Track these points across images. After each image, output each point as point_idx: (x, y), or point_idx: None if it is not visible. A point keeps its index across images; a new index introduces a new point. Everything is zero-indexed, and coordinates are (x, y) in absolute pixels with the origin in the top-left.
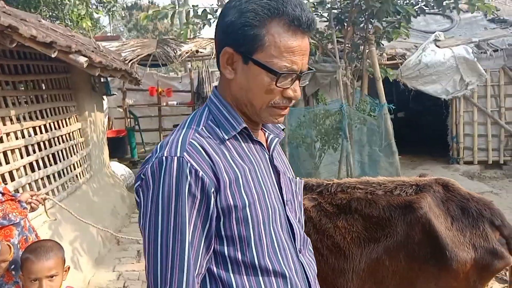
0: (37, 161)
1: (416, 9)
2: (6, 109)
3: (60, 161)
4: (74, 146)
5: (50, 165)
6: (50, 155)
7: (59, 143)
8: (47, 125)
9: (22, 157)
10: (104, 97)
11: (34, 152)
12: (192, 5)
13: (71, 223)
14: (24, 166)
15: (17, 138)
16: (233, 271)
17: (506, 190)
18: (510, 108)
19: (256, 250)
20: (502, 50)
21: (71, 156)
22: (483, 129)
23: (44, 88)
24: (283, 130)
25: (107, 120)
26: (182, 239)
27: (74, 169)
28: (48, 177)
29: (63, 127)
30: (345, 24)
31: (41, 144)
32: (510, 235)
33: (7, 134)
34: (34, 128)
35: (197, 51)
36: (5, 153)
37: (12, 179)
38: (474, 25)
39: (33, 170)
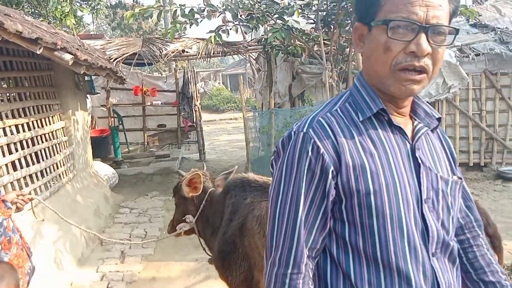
0: (19, 159)
1: None
2: None
3: (43, 160)
4: (57, 145)
5: (33, 163)
6: (33, 154)
7: (42, 142)
8: (30, 123)
9: (4, 156)
10: (88, 96)
11: (17, 150)
12: (179, 4)
13: (54, 222)
14: (6, 165)
15: None
16: (353, 259)
17: (487, 192)
18: (491, 111)
19: (380, 241)
20: (484, 54)
21: (54, 155)
22: (465, 132)
23: (27, 85)
24: (438, 119)
25: (90, 119)
26: (296, 211)
27: (57, 168)
28: (31, 176)
29: (46, 125)
30: (332, 26)
31: (24, 142)
32: (494, 234)
33: None
34: (16, 126)
35: (183, 51)
36: None
37: None
38: None
39: (15, 169)
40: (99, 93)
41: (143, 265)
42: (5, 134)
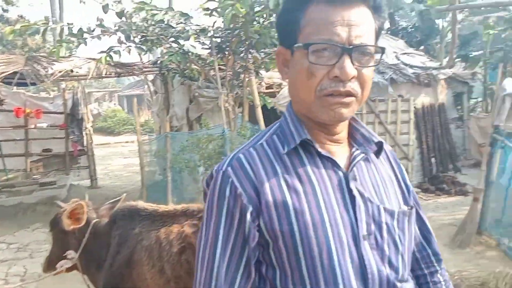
0: None
1: None
2: None
3: None
4: None
5: None
6: None
7: None
8: None
9: None
10: None
11: None
12: (67, 23)
13: None
14: None
15: None
16: None
17: None
18: None
19: (311, 286)
20: None
21: None
22: None
23: None
24: (377, 143)
25: None
26: (213, 260)
27: None
28: None
29: None
30: (226, 53)
31: None
32: None
33: None
34: None
35: (71, 71)
36: None
37: None
38: None
39: None
40: None
41: None
42: None
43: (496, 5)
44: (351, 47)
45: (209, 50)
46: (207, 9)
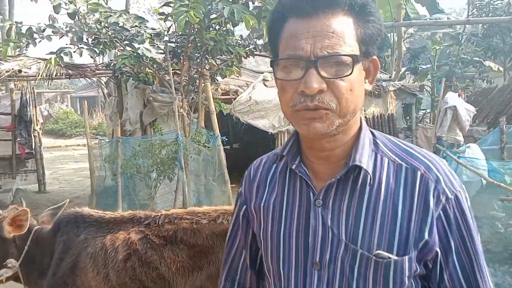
0: None
1: (247, 51)
2: None
3: None
4: None
5: None
6: None
7: None
8: None
9: None
10: None
11: None
12: (15, 22)
13: None
14: None
15: None
16: None
17: None
18: None
19: None
20: None
21: None
22: None
23: None
24: (354, 167)
25: None
26: (226, 248)
27: None
28: None
29: None
30: (181, 58)
31: None
32: None
33: None
34: None
35: (19, 71)
36: None
37: None
38: None
39: None
40: None
41: None
42: None
43: (435, 24)
44: (315, 59)
45: (164, 55)
46: (162, 13)
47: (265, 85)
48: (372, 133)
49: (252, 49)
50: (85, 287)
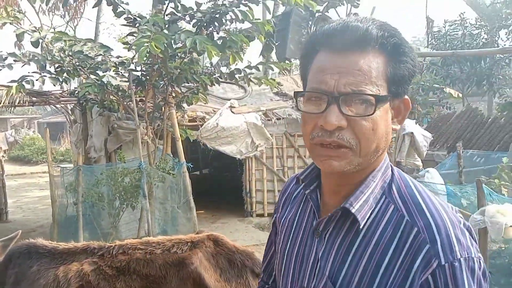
0: None
1: (212, 79)
2: None
3: None
4: None
5: None
6: None
7: None
8: None
9: None
10: None
11: None
12: None
13: None
14: None
15: None
16: None
17: None
18: (291, 167)
19: None
20: (284, 118)
21: None
22: (271, 185)
23: None
24: (343, 209)
25: None
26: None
27: None
28: None
29: None
30: (146, 86)
31: None
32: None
33: None
34: None
35: None
36: None
37: None
38: (262, 96)
39: None
40: None
41: None
42: None
43: (420, 55)
44: (337, 95)
45: (128, 83)
46: (126, 43)
47: (232, 111)
48: (392, 174)
49: (218, 77)
50: None
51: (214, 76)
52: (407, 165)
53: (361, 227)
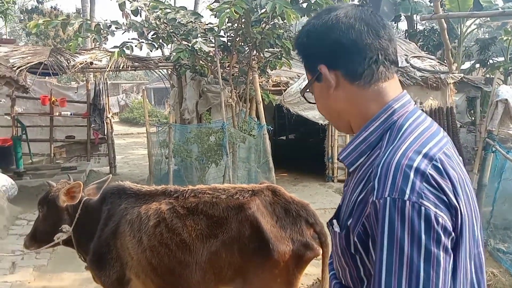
0: None
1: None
2: None
3: None
4: None
5: None
6: None
7: None
8: None
9: None
10: None
11: None
12: (85, 19)
13: None
14: None
15: None
16: None
17: None
18: None
19: None
20: None
21: None
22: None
23: None
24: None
25: None
26: None
27: None
28: None
29: None
30: (231, 51)
31: None
32: (321, 231)
33: None
34: None
35: (91, 63)
36: None
37: None
38: None
39: None
40: (3, 101)
41: (34, 275)
42: None
43: (471, 16)
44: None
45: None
46: (213, 9)
47: None
48: (394, 123)
49: None
50: (123, 249)
51: None
52: (499, 134)
53: (350, 170)
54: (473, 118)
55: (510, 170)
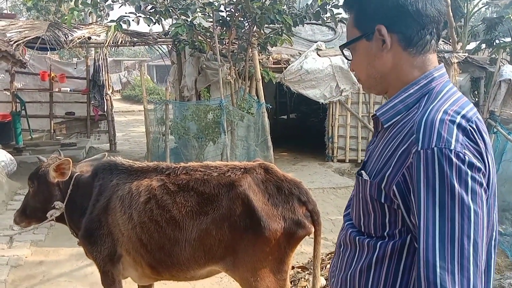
0: None
1: (297, 19)
2: None
3: None
4: None
5: None
6: None
7: None
8: None
9: None
10: None
11: None
12: None
13: None
14: None
15: None
16: None
17: None
18: None
19: None
20: None
21: None
22: (355, 132)
23: None
24: (374, 113)
25: None
26: None
27: None
28: None
29: None
30: (230, 27)
31: None
32: (313, 209)
33: None
34: None
35: (89, 38)
36: None
37: None
38: None
39: None
40: (2, 76)
41: (31, 250)
42: None
43: None
44: None
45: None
46: None
47: (318, 54)
48: (433, 88)
49: (303, 18)
50: (114, 225)
51: (300, 16)
52: (501, 115)
53: (385, 126)
54: (476, 99)
55: (511, 151)
